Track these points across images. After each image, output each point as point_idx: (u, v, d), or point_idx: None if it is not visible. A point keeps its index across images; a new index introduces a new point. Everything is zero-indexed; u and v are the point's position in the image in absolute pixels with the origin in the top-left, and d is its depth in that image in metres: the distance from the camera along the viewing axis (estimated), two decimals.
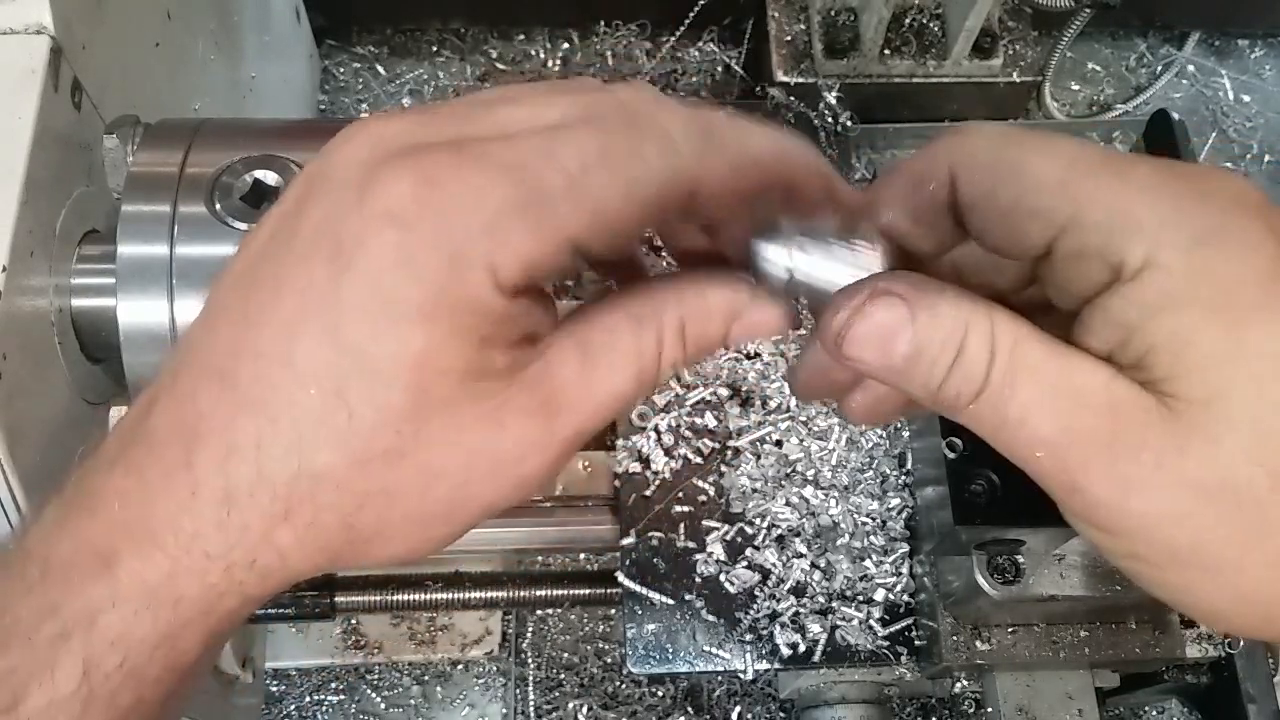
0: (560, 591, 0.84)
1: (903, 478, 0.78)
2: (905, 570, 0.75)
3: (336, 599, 0.83)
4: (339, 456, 0.32)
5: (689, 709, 1.04)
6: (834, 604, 0.75)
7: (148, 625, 0.33)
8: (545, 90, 0.35)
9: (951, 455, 0.66)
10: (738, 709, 1.03)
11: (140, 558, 0.33)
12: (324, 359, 0.31)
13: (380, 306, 0.31)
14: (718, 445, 0.79)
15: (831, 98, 0.94)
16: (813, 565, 0.75)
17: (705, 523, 0.77)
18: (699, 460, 0.79)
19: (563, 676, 1.07)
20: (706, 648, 0.74)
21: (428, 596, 0.84)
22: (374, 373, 0.31)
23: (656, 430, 0.79)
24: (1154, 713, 1.01)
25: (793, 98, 0.95)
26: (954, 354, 0.34)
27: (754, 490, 0.78)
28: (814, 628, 0.74)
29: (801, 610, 0.75)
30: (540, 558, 1.06)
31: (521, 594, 0.84)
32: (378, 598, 0.84)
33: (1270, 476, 0.31)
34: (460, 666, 1.08)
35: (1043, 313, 0.39)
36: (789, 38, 1.04)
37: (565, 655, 1.08)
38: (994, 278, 0.39)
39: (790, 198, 0.37)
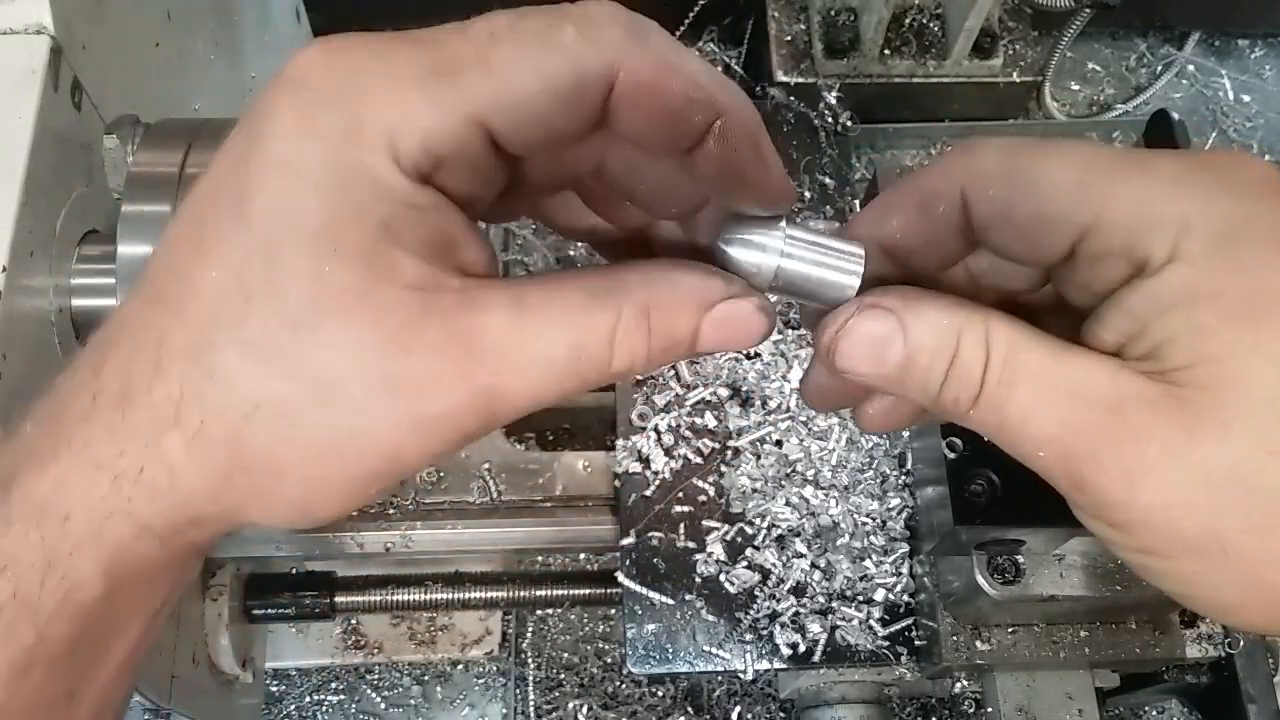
0: (560, 591, 0.84)
1: (903, 478, 0.78)
2: (905, 570, 0.75)
3: (336, 599, 0.83)
4: (233, 348, 0.30)
5: (689, 709, 1.04)
6: (834, 604, 0.75)
7: (35, 544, 0.31)
8: None
9: (951, 455, 0.65)
10: (738, 709, 1.03)
11: (34, 473, 0.31)
12: (228, 237, 0.30)
13: (279, 171, 0.30)
14: (718, 445, 0.79)
15: (831, 98, 0.94)
16: (813, 565, 0.75)
17: (705, 523, 0.77)
18: (699, 460, 0.79)
19: (563, 676, 1.07)
20: (706, 648, 0.74)
21: (428, 596, 0.84)
22: (272, 248, 0.30)
23: (656, 430, 0.79)
24: (1154, 713, 1.01)
25: (793, 98, 0.95)
26: (948, 360, 0.35)
27: (754, 490, 0.78)
28: (814, 628, 0.74)
29: (801, 610, 0.74)
30: (540, 558, 1.06)
31: (521, 594, 0.84)
32: (378, 598, 0.84)
33: None
34: (460, 666, 1.08)
35: (1052, 311, 0.39)
36: (789, 38, 1.04)
37: (565, 655, 1.08)
38: (1007, 281, 0.39)
39: (716, 141, 0.33)
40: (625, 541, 0.76)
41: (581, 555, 1.05)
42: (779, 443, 0.79)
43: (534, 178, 0.35)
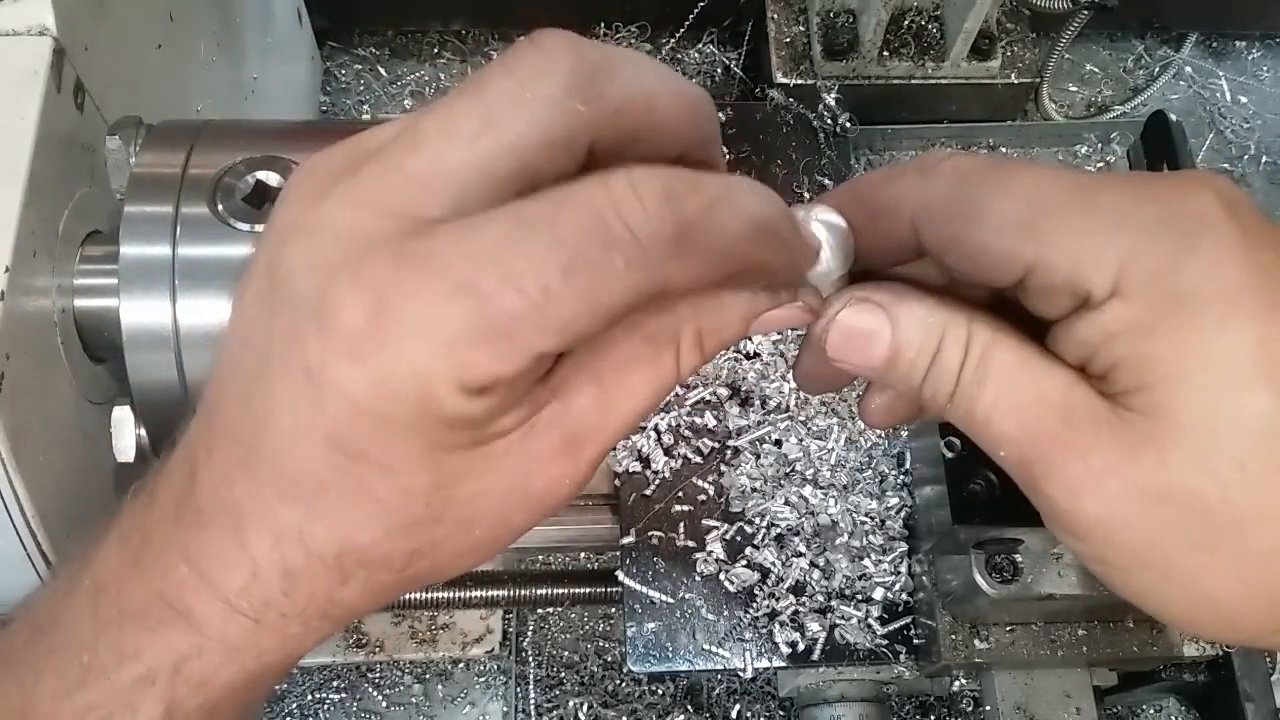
0: (561, 590, 0.85)
1: (901, 477, 0.78)
2: (904, 569, 0.76)
3: None
4: (378, 533, 0.33)
5: (689, 707, 1.04)
6: (833, 603, 0.75)
7: (233, 672, 0.36)
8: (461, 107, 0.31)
9: (950, 455, 0.66)
10: (737, 707, 1.03)
11: (221, 618, 0.35)
12: (338, 465, 0.32)
13: (370, 424, 0.31)
14: (717, 445, 0.80)
15: (830, 99, 0.94)
16: (812, 564, 0.76)
17: (705, 522, 0.77)
18: (699, 460, 0.79)
19: (563, 675, 1.07)
20: (706, 646, 0.74)
21: (429, 595, 0.84)
22: (388, 469, 0.32)
23: (656, 430, 0.80)
24: (1151, 711, 1.01)
25: (792, 99, 0.95)
26: (931, 356, 0.36)
27: (753, 489, 0.78)
28: (813, 626, 0.74)
29: (801, 609, 0.75)
30: (541, 556, 1.06)
31: (522, 593, 0.85)
32: None
33: (1220, 488, 0.32)
34: (461, 665, 1.08)
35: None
36: (788, 39, 1.04)
37: (566, 654, 1.08)
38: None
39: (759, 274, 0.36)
40: (625, 541, 0.77)
41: (581, 554, 1.05)
42: (778, 442, 0.79)
43: None
